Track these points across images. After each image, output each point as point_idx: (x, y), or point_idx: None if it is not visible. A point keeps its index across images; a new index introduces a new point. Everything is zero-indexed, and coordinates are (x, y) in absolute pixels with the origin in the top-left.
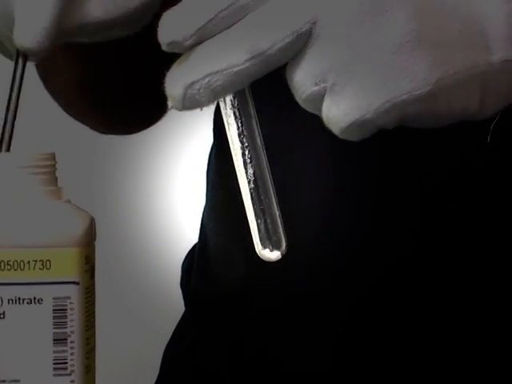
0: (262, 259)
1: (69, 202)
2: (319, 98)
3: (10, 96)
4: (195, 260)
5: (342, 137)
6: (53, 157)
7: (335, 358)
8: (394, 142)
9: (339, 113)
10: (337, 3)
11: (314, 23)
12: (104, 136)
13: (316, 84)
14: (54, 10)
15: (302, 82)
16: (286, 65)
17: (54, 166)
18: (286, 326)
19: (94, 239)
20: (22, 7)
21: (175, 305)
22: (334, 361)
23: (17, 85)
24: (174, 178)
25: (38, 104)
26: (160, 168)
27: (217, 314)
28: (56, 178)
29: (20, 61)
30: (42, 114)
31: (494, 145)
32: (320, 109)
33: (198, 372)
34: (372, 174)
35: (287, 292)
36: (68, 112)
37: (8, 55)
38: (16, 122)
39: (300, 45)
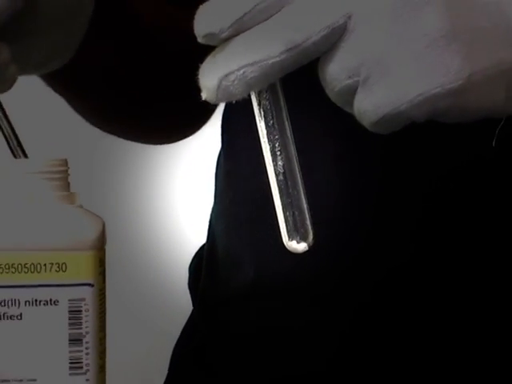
0: (271, 262)
1: (81, 206)
2: (352, 91)
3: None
4: (204, 261)
5: (372, 130)
6: (65, 163)
7: (339, 359)
8: (397, 143)
9: (371, 106)
10: (370, 3)
11: (349, 17)
12: (104, 138)
13: (349, 77)
14: None
15: (335, 75)
16: (317, 59)
17: (67, 171)
18: (293, 328)
19: (105, 243)
20: None
21: (181, 305)
22: (339, 361)
23: None
24: (174, 178)
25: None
26: (160, 168)
27: (225, 316)
28: (69, 184)
29: None
30: (40, 118)
31: (499, 148)
32: (351, 102)
33: (205, 371)
34: (375, 176)
35: (294, 295)
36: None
37: None
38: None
39: (335, 38)
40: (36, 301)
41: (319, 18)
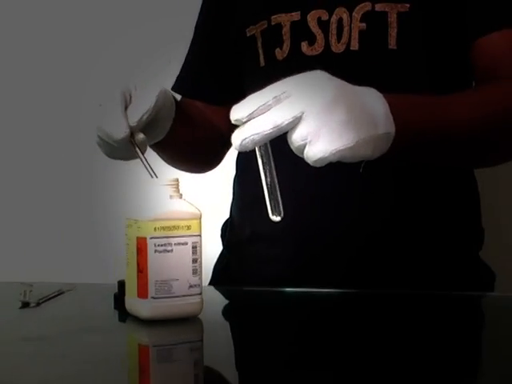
0: (258, 225)
1: (185, 199)
2: (303, 147)
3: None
4: (228, 225)
5: (313, 165)
6: (177, 179)
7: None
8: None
9: (312, 154)
10: (313, 105)
11: (303, 112)
12: None
13: (302, 140)
14: (125, 127)
15: (296, 139)
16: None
17: (178, 183)
18: (276, 258)
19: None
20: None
21: (216, 248)
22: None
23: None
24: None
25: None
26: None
27: (239, 250)
28: (179, 189)
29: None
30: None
31: (364, 173)
32: (302, 152)
33: (229, 278)
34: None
35: (274, 243)
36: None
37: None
38: None
39: (296, 122)
40: (178, 243)
41: (288, 113)
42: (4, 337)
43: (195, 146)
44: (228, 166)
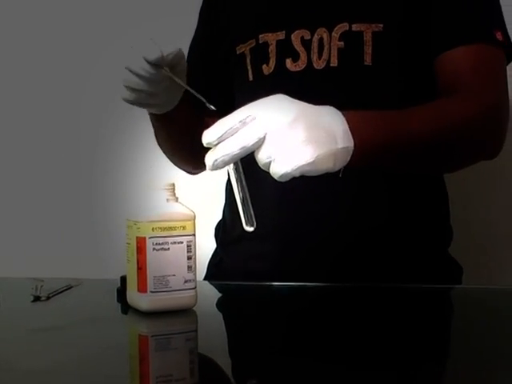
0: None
1: (180, 203)
2: (269, 164)
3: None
4: (221, 226)
5: (278, 180)
6: (173, 184)
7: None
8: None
9: (277, 170)
10: (274, 127)
11: (266, 134)
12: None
13: (267, 158)
14: (158, 49)
15: (261, 158)
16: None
17: (174, 187)
18: (262, 254)
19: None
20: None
21: (211, 246)
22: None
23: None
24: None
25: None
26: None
27: (230, 248)
28: (175, 193)
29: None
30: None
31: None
32: (268, 168)
33: (222, 272)
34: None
35: (261, 241)
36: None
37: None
38: None
39: (260, 142)
40: (174, 242)
41: (253, 135)
42: (18, 327)
43: (193, 136)
44: (220, 171)
